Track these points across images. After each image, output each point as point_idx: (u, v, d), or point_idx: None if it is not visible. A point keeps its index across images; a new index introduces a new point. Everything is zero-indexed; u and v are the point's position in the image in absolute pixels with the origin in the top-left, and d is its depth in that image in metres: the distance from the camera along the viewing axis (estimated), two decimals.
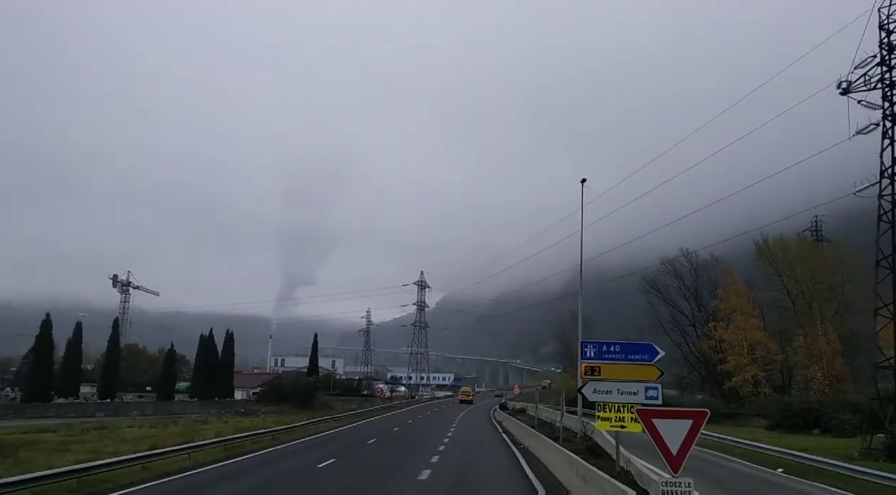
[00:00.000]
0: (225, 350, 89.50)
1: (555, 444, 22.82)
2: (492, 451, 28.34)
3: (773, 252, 64.20)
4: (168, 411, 64.49)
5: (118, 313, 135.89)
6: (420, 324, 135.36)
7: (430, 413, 68.27)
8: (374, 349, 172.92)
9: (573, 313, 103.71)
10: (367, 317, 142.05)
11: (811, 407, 44.08)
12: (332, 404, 72.36)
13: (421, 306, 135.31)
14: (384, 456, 25.20)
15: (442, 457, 24.48)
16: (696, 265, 75.29)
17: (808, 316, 61.74)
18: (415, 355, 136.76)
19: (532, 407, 56.85)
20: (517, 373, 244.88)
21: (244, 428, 39.24)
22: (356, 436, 35.02)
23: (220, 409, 66.11)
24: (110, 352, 79.80)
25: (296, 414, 59.46)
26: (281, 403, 65.12)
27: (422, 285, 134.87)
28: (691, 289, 75.50)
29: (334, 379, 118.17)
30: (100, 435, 35.78)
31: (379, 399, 79.78)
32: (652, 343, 16.03)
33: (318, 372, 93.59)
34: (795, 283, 62.34)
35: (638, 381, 15.00)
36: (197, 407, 68.27)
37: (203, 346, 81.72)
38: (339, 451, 26.68)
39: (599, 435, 24.88)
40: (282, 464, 22.48)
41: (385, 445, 30.24)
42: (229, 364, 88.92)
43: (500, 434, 39.05)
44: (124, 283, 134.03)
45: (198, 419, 55.11)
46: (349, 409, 67.04)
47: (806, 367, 61.49)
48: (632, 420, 14.65)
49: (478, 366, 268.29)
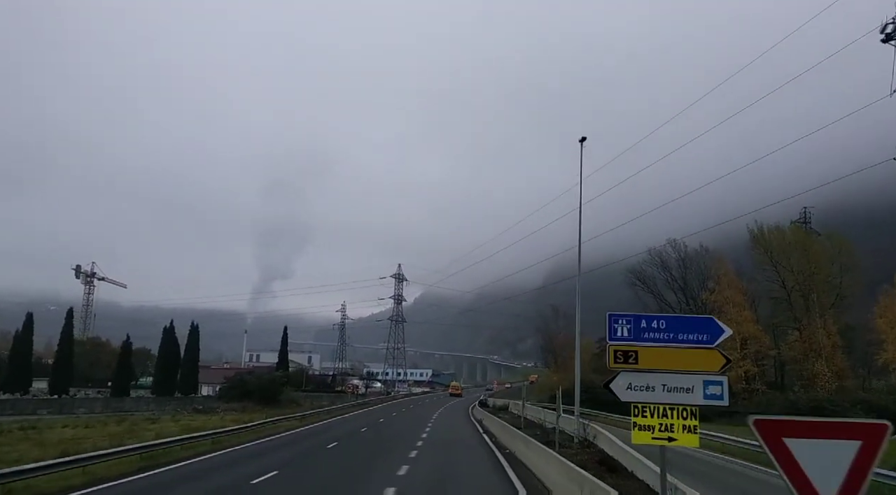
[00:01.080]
0: (189, 344, 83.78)
1: (551, 452, 18.03)
2: (473, 459, 23.53)
3: (768, 240, 60.24)
4: (119, 408, 58.78)
5: (83, 305, 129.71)
6: (397, 319, 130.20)
7: (404, 410, 63.37)
8: (350, 344, 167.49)
9: (554, 306, 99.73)
10: (343, 311, 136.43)
11: (820, 406, 39.93)
12: (301, 401, 67.09)
13: (398, 300, 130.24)
14: (342, 467, 20.25)
15: (413, 467, 19.64)
16: (685, 255, 71.35)
17: (804, 308, 57.99)
18: (391, 350, 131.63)
19: (515, 404, 52.24)
20: (495, 369, 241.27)
21: (195, 427, 34.42)
22: (316, 439, 30.00)
23: (179, 406, 60.59)
24: (63, 345, 73.72)
25: (258, 411, 54.40)
26: (244, 400, 59.74)
27: (399, 278, 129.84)
28: (679, 281, 71.59)
29: (307, 375, 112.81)
30: (17, 438, 30.43)
31: (350, 395, 74.51)
32: (713, 317, 11.20)
33: (289, 368, 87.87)
34: (791, 274, 58.51)
35: (693, 373, 10.09)
36: (153, 404, 62.66)
37: (165, 340, 75.81)
38: (288, 460, 21.69)
39: (607, 441, 20.16)
40: (204, 481, 17.39)
41: (347, 450, 25.28)
42: (194, 359, 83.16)
43: (480, 435, 34.35)
44: (88, 275, 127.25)
45: (148, 417, 49.81)
46: (318, 407, 61.96)
47: (800, 363, 57.83)
48: (685, 430, 9.86)
49: (456, 362, 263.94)
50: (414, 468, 19.52)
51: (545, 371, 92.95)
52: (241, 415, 48.92)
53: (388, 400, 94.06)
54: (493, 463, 22.11)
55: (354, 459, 22.43)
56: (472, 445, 28.73)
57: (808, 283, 57.28)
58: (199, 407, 56.85)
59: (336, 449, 25.76)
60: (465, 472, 19.60)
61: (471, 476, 18.87)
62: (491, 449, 26.62)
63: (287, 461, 21.36)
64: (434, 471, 19.31)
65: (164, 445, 22.79)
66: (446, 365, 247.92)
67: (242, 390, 61.49)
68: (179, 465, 20.11)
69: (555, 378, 74.67)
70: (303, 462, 21.78)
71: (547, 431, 26.49)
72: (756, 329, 60.02)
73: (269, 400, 61.15)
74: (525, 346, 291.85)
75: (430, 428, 37.53)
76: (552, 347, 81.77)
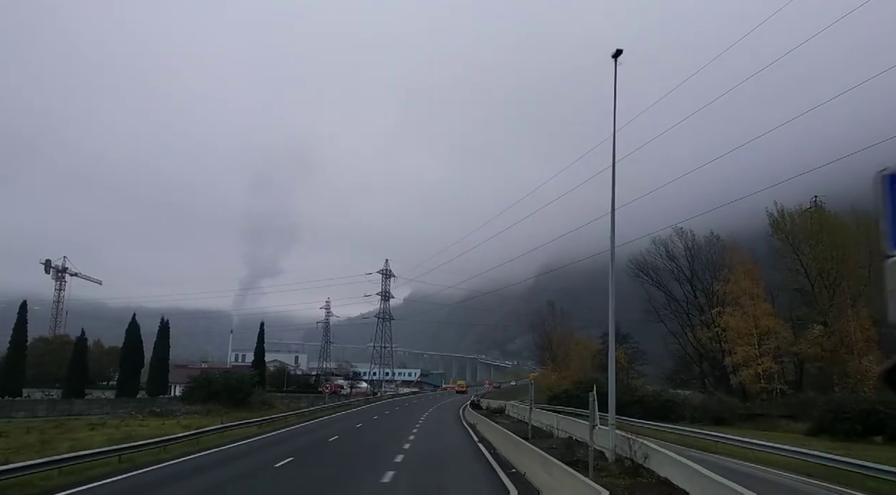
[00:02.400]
0: (159, 342, 76.69)
1: (596, 488, 11.32)
2: (470, 484, 16.80)
3: (788, 225, 54.03)
4: (67, 412, 51.63)
5: (53, 301, 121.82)
6: (384, 316, 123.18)
7: (388, 413, 56.51)
8: (335, 343, 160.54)
9: (550, 302, 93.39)
10: (327, 308, 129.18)
11: (873, 409, 33.52)
12: (274, 403, 60.10)
13: (385, 296, 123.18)
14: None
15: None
16: (693, 244, 65.04)
17: (828, 299, 51.88)
18: (378, 349, 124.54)
19: (514, 406, 45.61)
20: (485, 369, 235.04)
21: (140, 435, 28.09)
22: (267, 453, 23.16)
23: (137, 409, 53.43)
24: (15, 343, 66.29)
25: (224, 414, 47.57)
26: (209, 402, 52.75)
27: (387, 274, 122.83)
28: (686, 272, 65.24)
29: (288, 375, 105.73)
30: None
31: (328, 396, 67.60)
32: None
33: (265, 367, 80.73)
34: (815, 261, 52.40)
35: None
36: (109, 407, 55.48)
37: (127, 338, 68.57)
38: (205, 492, 14.89)
39: (670, 463, 13.50)
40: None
41: (301, 471, 18.53)
42: (163, 357, 76.03)
43: (474, 443, 27.68)
44: (59, 270, 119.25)
45: (91, 422, 42.87)
46: (295, 409, 55.12)
47: (824, 360, 51.74)
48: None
49: (445, 362, 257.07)
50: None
51: (541, 370, 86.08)
52: (200, 420, 42.13)
53: (373, 400, 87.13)
54: (499, 489, 15.41)
55: (308, 486, 15.72)
56: (466, 461, 22.04)
57: (836, 271, 51.14)
58: (157, 410, 49.75)
59: (287, 468, 18.98)
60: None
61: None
62: (491, 466, 19.94)
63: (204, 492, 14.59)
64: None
65: (37, 468, 15.95)
66: (435, 365, 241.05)
67: (208, 391, 54.43)
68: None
69: (553, 377, 68.09)
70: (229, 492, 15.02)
71: (567, 444, 19.84)
72: (775, 322, 53.79)
73: (238, 402, 54.22)
74: (514, 346, 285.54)
75: (415, 436, 30.79)
76: (549, 345, 75.40)
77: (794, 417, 42.07)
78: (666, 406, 45.42)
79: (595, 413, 16.01)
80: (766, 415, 44.30)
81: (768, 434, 37.73)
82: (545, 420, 29.79)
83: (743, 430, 39.70)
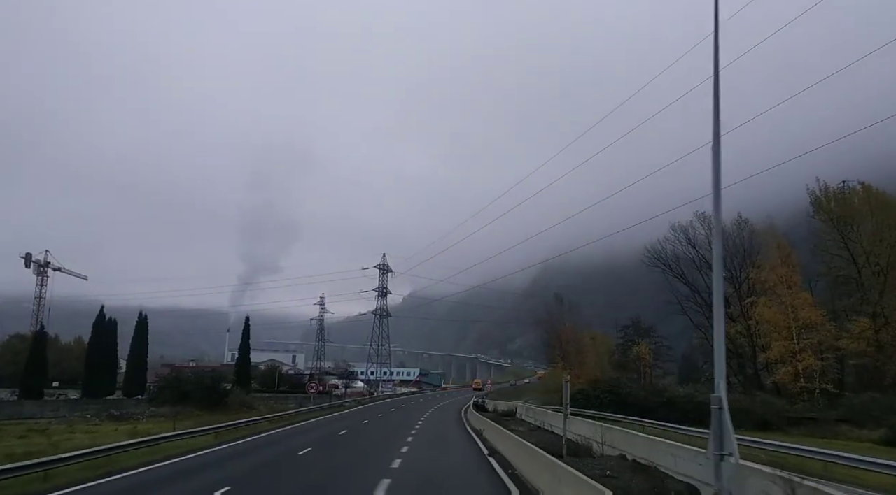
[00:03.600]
0: (136, 339, 70.31)
1: None
2: None
3: (832, 203, 47.33)
4: (16, 415, 44.89)
5: (35, 297, 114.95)
6: (381, 313, 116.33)
7: (381, 415, 49.74)
8: (334, 343, 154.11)
9: (558, 294, 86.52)
10: (321, 304, 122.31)
11: None
12: (256, 404, 53.36)
13: (382, 292, 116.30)
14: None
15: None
16: None
17: (878, 287, 45.26)
18: (376, 347, 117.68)
19: (529, 408, 38.81)
20: (485, 369, 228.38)
21: (71, 446, 21.73)
22: (202, 478, 16.41)
23: (99, 411, 46.79)
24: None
25: (195, 416, 40.99)
26: (179, 403, 46.06)
27: (384, 269, 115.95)
28: (709, 260, 58.37)
29: (280, 374, 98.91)
30: None
31: (313, 397, 60.87)
32: None
33: (250, 365, 74.00)
34: (863, 245, 45.76)
35: None
36: (66, 409, 48.78)
37: (94, 335, 61.92)
38: None
39: None
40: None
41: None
42: (140, 355, 69.57)
43: (485, 458, 21.13)
44: (41, 264, 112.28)
45: (37, 427, 36.38)
46: (280, 410, 48.46)
47: (867, 356, 45.10)
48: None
49: (444, 362, 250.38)
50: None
51: (548, 369, 78.88)
52: (160, 425, 35.56)
53: (367, 401, 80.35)
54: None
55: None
56: (477, 482, 15.35)
57: (888, 256, 44.50)
58: (116, 413, 43.03)
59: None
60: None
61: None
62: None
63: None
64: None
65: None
66: (434, 364, 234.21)
67: (178, 391, 47.71)
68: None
69: (556, 378, 61.07)
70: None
71: (631, 468, 13.06)
72: (817, 314, 47.04)
73: (213, 404, 47.50)
74: (514, 345, 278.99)
75: (409, 447, 24.08)
76: (558, 341, 68.45)
77: (853, 421, 35.46)
78: (700, 409, 38.57)
79: (726, 432, 8.97)
80: (819, 419, 37.59)
81: (831, 442, 31.12)
82: (576, 428, 23.01)
83: (796, 437, 33.11)
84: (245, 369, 70.37)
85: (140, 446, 21.51)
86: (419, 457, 21.30)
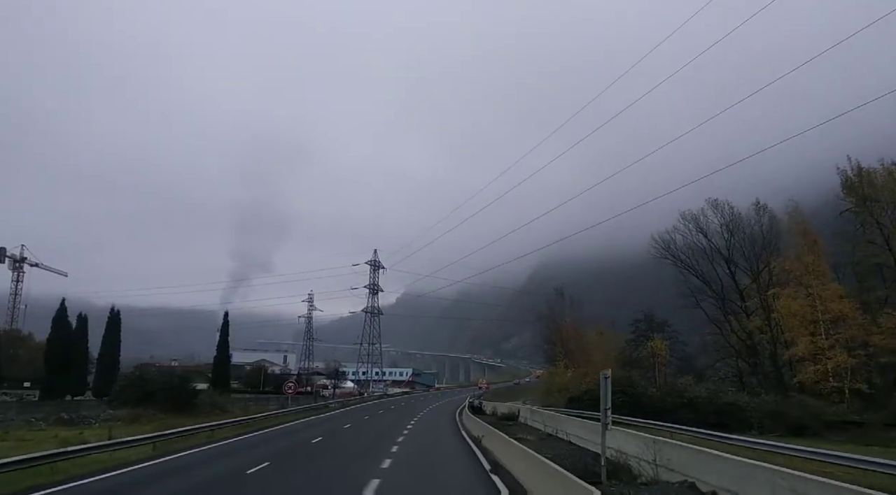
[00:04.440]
0: (107, 337, 65.09)
1: None
2: None
3: (865, 185, 42.58)
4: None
5: (10, 294, 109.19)
6: (372, 310, 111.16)
7: (367, 418, 44.66)
8: (325, 343, 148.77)
9: (558, 288, 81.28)
10: (310, 300, 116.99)
11: None
12: (230, 406, 48.12)
13: (374, 289, 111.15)
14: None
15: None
16: (731, 218, 53.58)
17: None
18: (366, 346, 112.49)
19: (528, 409, 33.88)
20: (479, 369, 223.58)
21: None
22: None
23: (50, 413, 41.43)
24: None
25: (158, 420, 36.02)
26: (142, 404, 40.84)
27: (375, 265, 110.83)
28: (723, 251, 53.72)
29: (266, 374, 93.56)
30: None
31: (290, 398, 55.72)
32: None
33: (230, 363, 68.77)
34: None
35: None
36: (14, 411, 43.41)
37: (54, 331, 56.66)
38: None
39: None
40: None
41: None
42: (111, 354, 64.35)
43: (485, 475, 16.11)
44: (17, 260, 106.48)
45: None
46: (256, 412, 43.36)
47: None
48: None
49: (438, 362, 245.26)
50: None
51: (546, 368, 73.70)
52: (113, 429, 30.34)
53: (356, 402, 75.23)
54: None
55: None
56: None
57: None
58: (66, 417, 37.75)
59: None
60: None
61: None
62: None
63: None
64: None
65: None
66: (428, 364, 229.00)
67: (141, 391, 42.49)
68: None
69: (567, 375, 56.21)
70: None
71: None
72: (850, 307, 42.30)
73: (181, 405, 42.31)
74: (509, 345, 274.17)
75: (393, 460, 19.08)
76: (559, 338, 63.40)
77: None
78: (725, 411, 33.76)
79: None
80: (863, 424, 32.77)
81: (888, 450, 26.36)
82: (599, 438, 17.93)
83: (842, 445, 28.35)
84: (224, 368, 65.07)
85: (54, 459, 16.49)
86: (405, 475, 16.32)
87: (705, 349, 53.09)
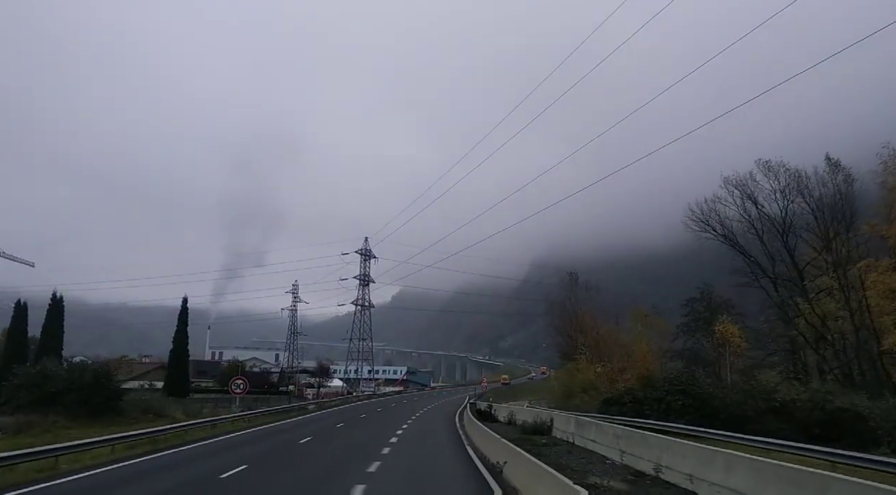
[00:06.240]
0: (47, 329, 54.83)
1: None
2: None
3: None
4: None
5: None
6: (363, 303, 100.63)
7: (340, 426, 34.08)
8: (309, 338, 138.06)
9: (571, 273, 69.73)
10: (294, 292, 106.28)
11: None
12: (169, 409, 37.40)
13: (365, 280, 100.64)
14: None
15: None
16: (787, 182, 43.05)
17: None
18: (356, 342, 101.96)
19: (561, 417, 23.23)
20: (475, 368, 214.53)
21: None
22: None
23: None
24: None
25: (55, 431, 25.79)
26: (38, 409, 30.22)
27: (366, 254, 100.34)
28: (778, 223, 43.18)
29: (243, 371, 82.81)
30: None
31: (238, 399, 45.15)
32: None
33: (188, 359, 58.11)
34: None
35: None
36: None
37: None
38: None
39: None
40: None
41: None
42: (54, 348, 53.92)
43: None
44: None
45: None
46: (204, 417, 32.98)
47: None
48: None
49: (434, 361, 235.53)
50: None
51: (567, 364, 62.41)
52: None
53: (338, 403, 64.68)
54: None
55: None
56: None
57: None
58: None
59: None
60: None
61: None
62: None
63: None
64: None
65: None
66: (423, 363, 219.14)
67: (42, 392, 31.82)
68: None
69: (591, 372, 45.45)
70: None
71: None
72: None
73: (95, 410, 31.69)
74: (505, 344, 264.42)
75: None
76: (576, 328, 52.61)
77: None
78: (834, 420, 23.20)
79: None
80: None
81: None
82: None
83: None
84: (180, 363, 54.36)
85: None
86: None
87: (759, 340, 42.51)
